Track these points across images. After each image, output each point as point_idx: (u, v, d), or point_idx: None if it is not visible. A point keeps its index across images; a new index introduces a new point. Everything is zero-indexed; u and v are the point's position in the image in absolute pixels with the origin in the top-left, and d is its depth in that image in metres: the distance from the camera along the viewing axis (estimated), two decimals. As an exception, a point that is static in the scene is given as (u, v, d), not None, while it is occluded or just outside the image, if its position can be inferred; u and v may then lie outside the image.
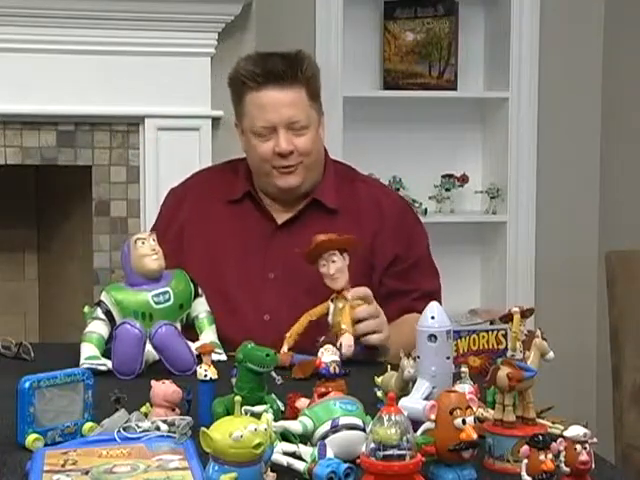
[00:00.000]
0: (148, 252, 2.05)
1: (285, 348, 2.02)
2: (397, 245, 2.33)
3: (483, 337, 1.98)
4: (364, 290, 2.08)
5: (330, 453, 1.39)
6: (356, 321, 2.05)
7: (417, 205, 3.61)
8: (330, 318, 2.05)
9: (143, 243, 2.06)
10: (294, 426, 1.45)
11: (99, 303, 2.04)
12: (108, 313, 2.02)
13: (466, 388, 1.55)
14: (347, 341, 1.96)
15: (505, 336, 1.97)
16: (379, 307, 2.11)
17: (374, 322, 2.08)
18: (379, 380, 1.73)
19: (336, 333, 2.01)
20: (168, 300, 2.06)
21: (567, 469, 1.31)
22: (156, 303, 2.04)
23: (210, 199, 2.39)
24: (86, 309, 2.07)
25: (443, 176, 3.78)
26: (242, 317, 2.25)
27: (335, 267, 2.04)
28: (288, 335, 2.05)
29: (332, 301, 2.07)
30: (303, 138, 2.28)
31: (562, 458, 1.30)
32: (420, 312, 1.61)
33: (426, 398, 1.52)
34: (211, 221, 2.36)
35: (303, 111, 2.28)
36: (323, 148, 2.38)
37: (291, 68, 2.27)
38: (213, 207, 2.37)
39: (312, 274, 2.13)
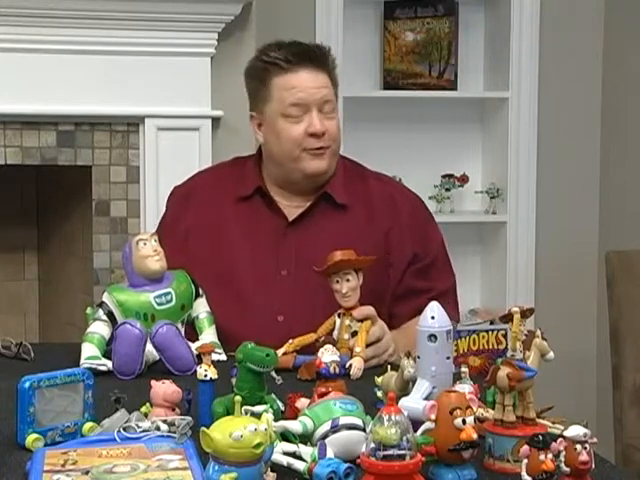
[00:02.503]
0: (150, 253, 2.04)
1: (281, 351, 2.01)
2: (415, 243, 2.32)
3: (483, 337, 1.97)
4: (368, 310, 2.07)
5: (330, 453, 1.39)
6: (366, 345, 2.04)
7: (417, 205, 3.62)
8: (335, 334, 2.05)
9: (145, 244, 2.05)
10: (294, 426, 1.45)
11: (101, 304, 2.04)
12: (110, 314, 2.02)
13: (466, 388, 1.55)
14: (358, 364, 1.96)
15: (505, 336, 1.96)
16: (384, 324, 2.12)
17: (383, 342, 2.09)
18: (379, 380, 1.73)
19: (340, 348, 2.00)
20: (170, 301, 2.05)
21: (567, 469, 1.30)
22: (158, 304, 2.04)
23: (218, 198, 2.36)
24: (88, 310, 2.06)
25: (443, 176, 3.79)
26: (256, 317, 2.24)
27: (348, 286, 2.04)
28: (290, 342, 2.05)
29: (339, 316, 2.06)
30: (333, 122, 2.28)
31: (562, 458, 1.30)
32: None
33: (426, 398, 1.52)
34: (220, 221, 2.34)
35: (332, 94, 2.29)
36: None
37: (322, 53, 2.30)
38: (222, 206, 2.35)
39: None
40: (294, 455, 1.42)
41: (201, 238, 2.34)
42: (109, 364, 1.96)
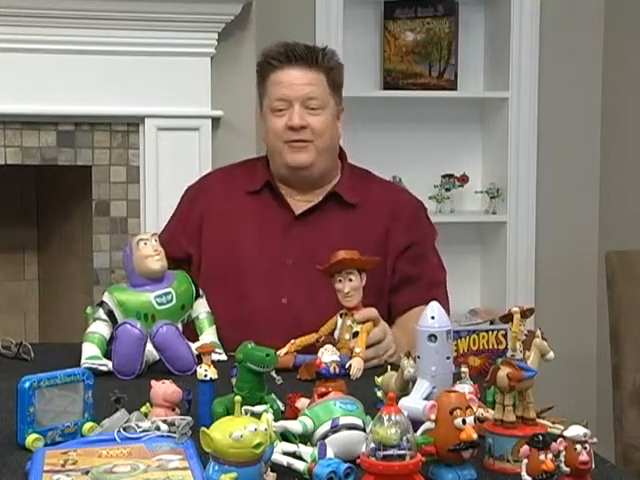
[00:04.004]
0: (151, 253, 2.05)
1: (283, 351, 2.01)
2: (410, 235, 2.37)
3: (483, 337, 1.98)
4: (370, 312, 2.08)
5: (330, 453, 1.39)
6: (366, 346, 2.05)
7: (417, 205, 3.62)
8: (337, 333, 2.05)
9: (145, 244, 2.06)
10: (294, 426, 1.45)
11: (101, 304, 2.04)
12: (110, 314, 2.02)
13: (466, 388, 1.55)
14: (357, 364, 1.96)
15: (505, 336, 1.96)
16: (386, 326, 2.13)
17: (384, 344, 2.10)
18: (379, 380, 1.73)
19: (340, 348, 2.00)
20: (171, 301, 2.06)
21: (567, 469, 1.31)
22: (159, 304, 2.04)
23: (230, 192, 2.43)
24: (88, 310, 2.07)
25: (443, 176, 3.79)
26: (259, 301, 2.29)
27: (351, 286, 2.04)
28: (292, 342, 2.05)
29: (340, 316, 2.07)
30: (317, 117, 2.33)
31: (562, 458, 1.30)
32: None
33: (426, 398, 1.52)
34: (230, 213, 2.40)
35: (321, 93, 2.34)
36: (338, 139, 2.42)
37: (312, 54, 2.36)
38: (233, 200, 2.42)
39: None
40: (294, 455, 1.42)
41: (212, 229, 2.39)
42: (110, 364, 1.96)
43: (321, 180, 2.39)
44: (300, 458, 1.41)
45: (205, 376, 1.64)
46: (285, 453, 1.42)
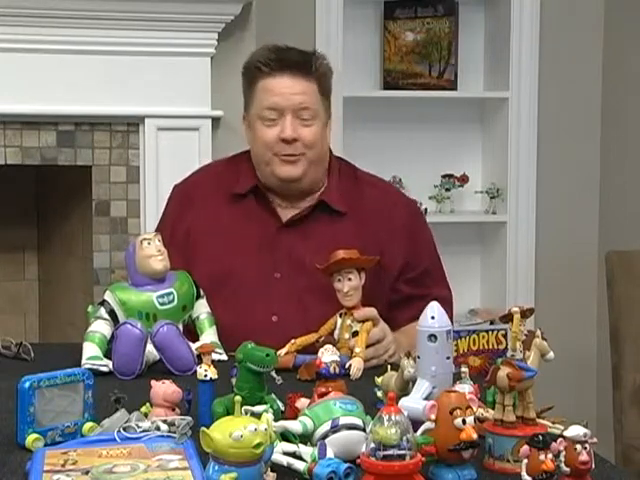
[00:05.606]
0: (154, 253, 2.05)
1: (283, 351, 2.01)
2: (406, 252, 2.32)
3: (483, 337, 1.98)
4: (370, 311, 2.07)
5: (330, 453, 1.39)
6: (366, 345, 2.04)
7: (417, 205, 3.62)
8: (336, 333, 2.05)
9: (149, 244, 2.05)
10: (294, 426, 1.45)
11: (103, 302, 2.04)
12: (112, 313, 2.02)
13: (466, 388, 1.55)
14: (357, 364, 1.96)
15: (505, 336, 1.97)
16: (386, 326, 2.12)
17: (384, 344, 2.09)
18: (379, 380, 1.73)
19: (340, 348, 2.00)
20: (172, 301, 2.06)
21: (567, 469, 1.30)
22: (160, 304, 2.04)
23: (216, 197, 2.37)
24: (90, 308, 2.06)
25: (443, 176, 3.79)
26: (249, 318, 2.24)
27: (350, 285, 2.04)
28: (292, 342, 2.04)
29: (340, 316, 2.06)
30: (309, 129, 2.26)
31: (562, 458, 1.30)
32: None
33: (426, 398, 1.52)
34: (217, 221, 2.35)
35: (313, 102, 2.27)
36: (328, 148, 2.37)
37: (306, 61, 2.28)
38: (219, 206, 2.36)
39: (318, 272, 2.13)
40: (294, 455, 1.42)
41: (199, 240, 2.34)
42: (110, 365, 1.96)
43: (310, 189, 2.33)
44: (300, 458, 1.41)
45: (205, 376, 1.64)
46: (285, 453, 1.42)
